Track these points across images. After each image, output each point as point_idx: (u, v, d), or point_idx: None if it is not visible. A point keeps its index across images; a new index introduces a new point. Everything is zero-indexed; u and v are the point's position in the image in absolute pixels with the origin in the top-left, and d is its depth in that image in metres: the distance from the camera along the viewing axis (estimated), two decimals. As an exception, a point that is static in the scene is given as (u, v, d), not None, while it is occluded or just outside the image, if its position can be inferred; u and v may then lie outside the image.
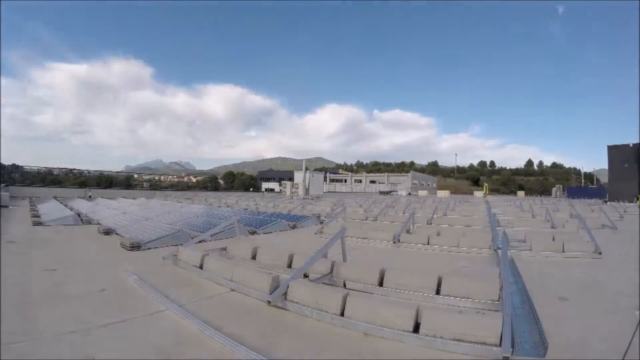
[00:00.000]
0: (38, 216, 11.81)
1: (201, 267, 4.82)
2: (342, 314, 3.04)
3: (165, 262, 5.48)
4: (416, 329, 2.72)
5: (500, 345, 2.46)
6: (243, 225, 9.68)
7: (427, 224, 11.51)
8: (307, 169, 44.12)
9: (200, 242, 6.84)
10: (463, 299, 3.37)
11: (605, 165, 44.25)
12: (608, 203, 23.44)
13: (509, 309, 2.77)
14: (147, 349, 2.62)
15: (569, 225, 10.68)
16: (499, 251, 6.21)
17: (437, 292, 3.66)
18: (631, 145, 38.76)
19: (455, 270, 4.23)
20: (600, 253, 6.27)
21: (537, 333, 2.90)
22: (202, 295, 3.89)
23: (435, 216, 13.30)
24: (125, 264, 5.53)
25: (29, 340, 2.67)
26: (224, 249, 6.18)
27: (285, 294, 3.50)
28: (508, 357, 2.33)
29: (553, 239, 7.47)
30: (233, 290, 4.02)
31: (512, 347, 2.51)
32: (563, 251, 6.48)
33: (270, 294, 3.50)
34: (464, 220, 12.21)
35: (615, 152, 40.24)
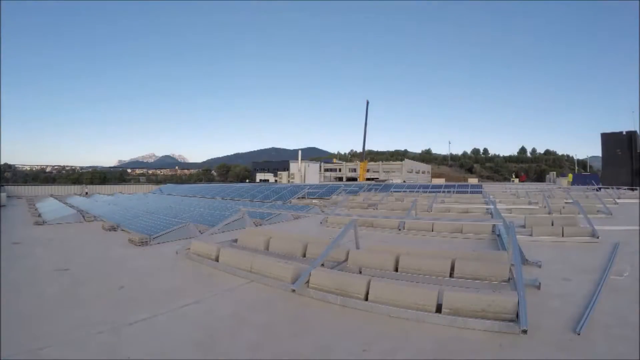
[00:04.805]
0: (39, 215, 11.76)
1: (217, 259, 4.92)
2: (366, 299, 3.20)
3: (179, 255, 5.56)
4: (438, 309, 2.90)
5: (516, 320, 2.65)
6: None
7: (428, 211, 11.74)
8: (302, 159, 44.12)
9: (210, 235, 6.92)
10: (476, 280, 3.55)
11: (598, 152, 45.14)
12: (602, 190, 23.91)
13: (522, 285, 2.95)
14: (180, 344, 2.64)
15: (566, 212, 10.97)
16: (500, 237, 6.44)
17: (451, 275, 3.84)
18: (624, 132, 39.62)
19: (465, 254, 4.40)
20: (597, 237, 6.52)
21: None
22: (224, 287, 3.98)
23: (434, 204, 13.52)
24: (139, 259, 5.63)
25: (57, 344, 2.59)
26: (235, 240, 6.28)
27: (308, 282, 3.63)
28: (526, 330, 2.51)
29: (552, 224, 7.73)
30: (252, 281, 4.13)
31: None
32: (562, 235, 6.72)
33: (293, 283, 3.63)
34: (463, 207, 12.45)
35: (608, 139, 40.98)
